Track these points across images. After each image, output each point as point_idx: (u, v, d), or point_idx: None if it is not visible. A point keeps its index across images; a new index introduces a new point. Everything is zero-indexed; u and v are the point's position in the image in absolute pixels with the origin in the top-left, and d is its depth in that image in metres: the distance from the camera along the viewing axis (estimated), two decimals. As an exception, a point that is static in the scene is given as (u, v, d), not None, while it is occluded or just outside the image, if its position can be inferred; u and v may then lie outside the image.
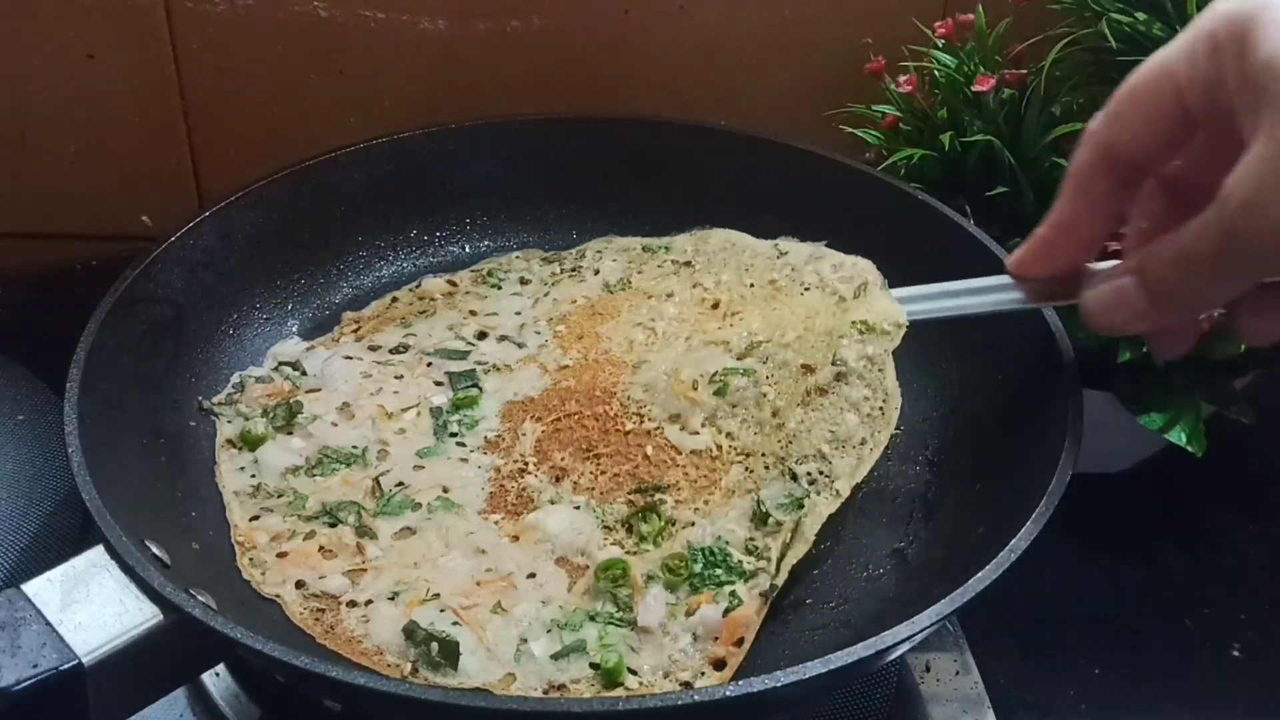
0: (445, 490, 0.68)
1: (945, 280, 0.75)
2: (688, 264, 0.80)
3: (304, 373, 0.75)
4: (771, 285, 0.75)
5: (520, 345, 0.77)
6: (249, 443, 0.70)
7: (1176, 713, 0.71)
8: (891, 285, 0.74)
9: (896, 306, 0.69)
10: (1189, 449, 0.73)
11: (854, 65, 0.86)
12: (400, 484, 0.68)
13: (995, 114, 0.79)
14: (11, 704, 0.50)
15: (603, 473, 0.67)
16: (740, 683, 0.50)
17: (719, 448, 0.67)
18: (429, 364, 0.76)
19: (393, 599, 0.61)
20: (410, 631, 0.59)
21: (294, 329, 0.79)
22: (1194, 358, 0.74)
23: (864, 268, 0.73)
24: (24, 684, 0.50)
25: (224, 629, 0.52)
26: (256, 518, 0.67)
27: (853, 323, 0.70)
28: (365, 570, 0.63)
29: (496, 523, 0.66)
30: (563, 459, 0.68)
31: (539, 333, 0.77)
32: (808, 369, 0.69)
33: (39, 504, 0.71)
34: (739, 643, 0.59)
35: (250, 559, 0.64)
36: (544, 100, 0.91)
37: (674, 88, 0.92)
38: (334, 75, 0.90)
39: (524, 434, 0.70)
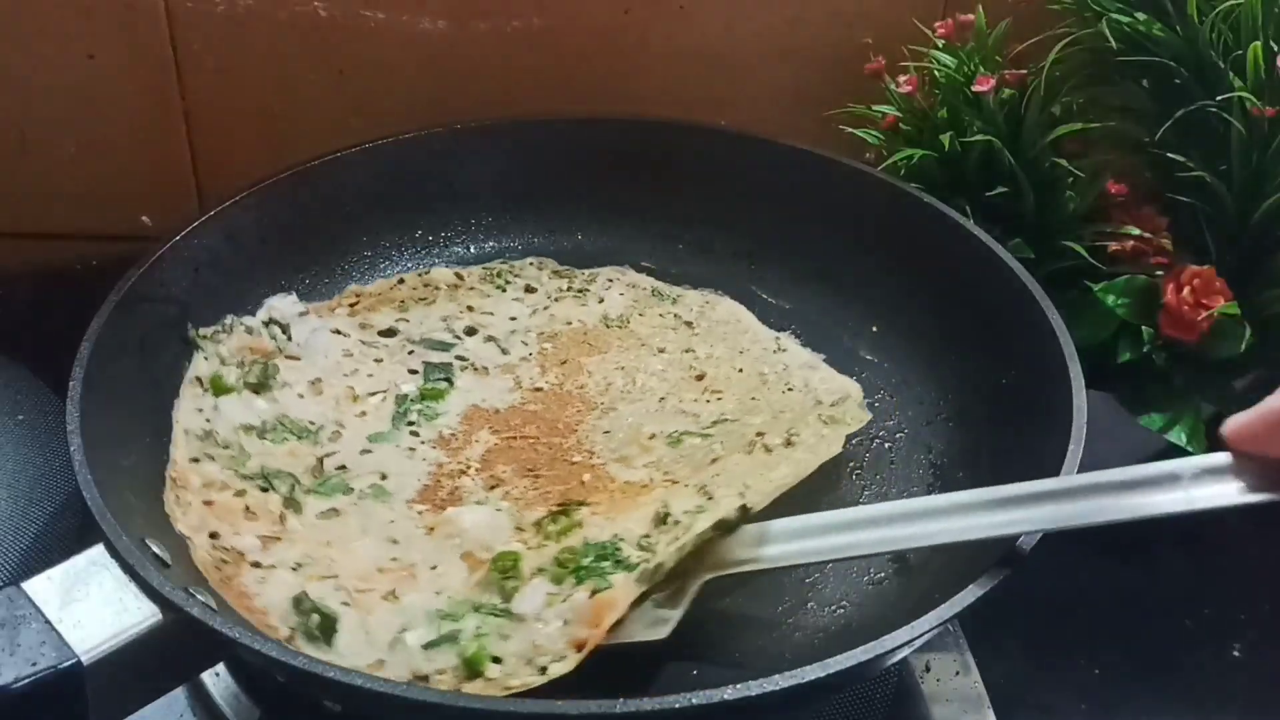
0: (383, 477, 0.68)
1: (943, 280, 0.75)
2: (689, 324, 0.80)
3: (290, 338, 0.75)
4: (759, 376, 0.76)
5: (504, 351, 0.77)
6: (216, 389, 0.71)
7: (1176, 713, 0.70)
8: (892, 286, 0.74)
9: (868, 414, 0.72)
10: (1189, 449, 0.73)
11: (854, 65, 0.86)
12: (342, 467, 0.69)
13: (995, 114, 0.79)
14: (10, 702, 0.49)
15: (535, 489, 0.68)
16: (738, 686, 0.49)
17: (650, 479, 0.68)
18: (410, 351, 0.76)
19: (295, 569, 0.62)
20: (298, 600, 0.59)
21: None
22: (1194, 358, 0.74)
23: (852, 389, 0.74)
24: (22, 682, 0.50)
25: (224, 629, 0.52)
26: (197, 460, 0.67)
27: (819, 416, 0.71)
28: (279, 540, 0.64)
29: (420, 513, 0.66)
30: (504, 473, 0.69)
31: (525, 344, 0.78)
32: (760, 435, 0.70)
33: (39, 504, 0.71)
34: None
35: (176, 496, 0.64)
36: (544, 100, 0.91)
37: (674, 88, 0.92)
38: (334, 75, 0.90)
39: (477, 441, 0.71)
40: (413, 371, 0.75)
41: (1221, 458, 0.53)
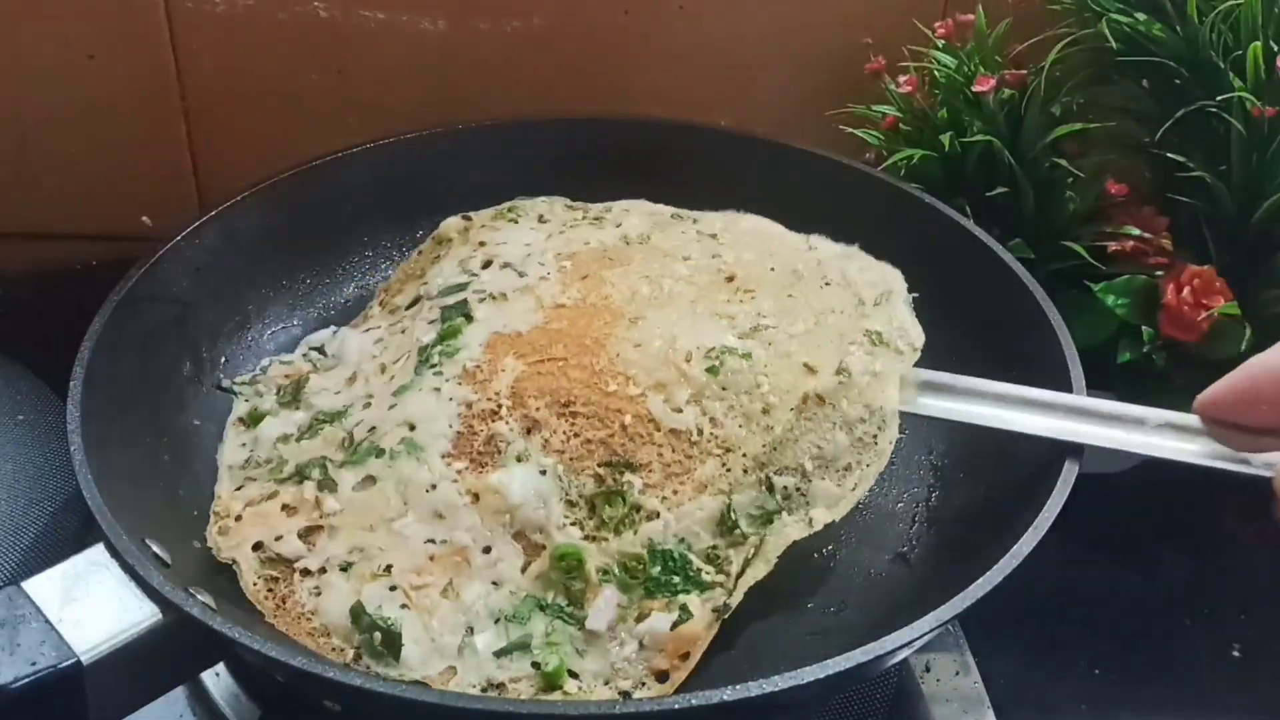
0: (411, 428, 0.64)
1: (943, 280, 0.75)
2: (713, 235, 0.76)
3: (324, 354, 0.76)
4: (793, 273, 0.72)
5: (521, 275, 0.73)
6: (254, 419, 0.71)
7: (1176, 713, 0.70)
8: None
9: (916, 325, 0.69)
10: (1189, 449, 0.73)
11: (854, 65, 0.86)
12: (371, 429, 0.66)
13: (995, 114, 0.79)
14: (10, 702, 0.49)
15: (576, 435, 0.63)
16: (738, 686, 0.49)
17: (699, 431, 0.64)
18: (431, 308, 0.73)
19: (345, 570, 0.60)
20: (356, 615, 0.58)
21: (299, 329, 0.79)
22: (1194, 358, 0.74)
23: (892, 277, 0.72)
24: (22, 682, 0.50)
25: (224, 629, 0.52)
26: (241, 488, 0.66)
27: (865, 331, 0.67)
28: (321, 529, 0.62)
29: (459, 472, 0.63)
30: (538, 409, 0.64)
31: (543, 264, 0.73)
32: (810, 369, 0.66)
33: (40, 504, 0.71)
34: (685, 656, 0.58)
35: (219, 527, 0.64)
36: (544, 100, 0.91)
37: (674, 88, 0.92)
38: (334, 75, 0.90)
39: (503, 370, 0.66)
40: (432, 322, 0.71)
41: (1189, 417, 0.58)
